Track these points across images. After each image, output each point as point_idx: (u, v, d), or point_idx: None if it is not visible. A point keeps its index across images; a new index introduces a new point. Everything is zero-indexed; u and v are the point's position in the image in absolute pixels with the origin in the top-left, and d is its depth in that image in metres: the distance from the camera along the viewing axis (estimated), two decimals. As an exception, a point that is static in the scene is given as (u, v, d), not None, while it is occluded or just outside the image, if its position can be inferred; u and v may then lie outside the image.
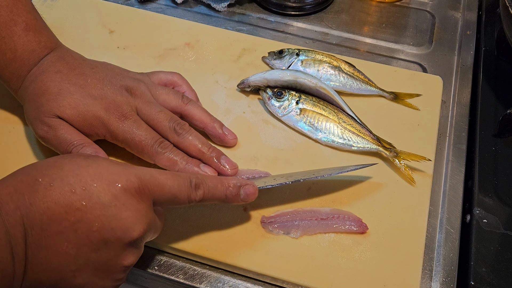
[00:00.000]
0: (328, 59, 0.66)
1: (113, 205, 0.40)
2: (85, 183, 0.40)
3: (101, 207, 0.40)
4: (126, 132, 0.52)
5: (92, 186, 0.40)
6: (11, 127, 0.59)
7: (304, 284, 0.49)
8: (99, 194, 0.40)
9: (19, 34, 0.54)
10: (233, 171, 0.54)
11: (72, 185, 0.40)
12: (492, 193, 0.57)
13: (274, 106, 0.62)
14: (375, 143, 0.58)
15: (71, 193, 0.40)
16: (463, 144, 0.63)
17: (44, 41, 0.56)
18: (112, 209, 0.40)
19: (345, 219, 0.53)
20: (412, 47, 0.74)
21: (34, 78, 0.54)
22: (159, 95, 0.57)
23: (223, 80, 0.66)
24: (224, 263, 0.50)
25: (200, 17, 0.77)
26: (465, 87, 0.69)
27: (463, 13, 0.79)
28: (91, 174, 0.41)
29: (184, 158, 0.53)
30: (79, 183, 0.40)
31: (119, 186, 0.41)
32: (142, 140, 0.52)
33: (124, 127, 0.52)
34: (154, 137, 0.53)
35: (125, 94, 0.54)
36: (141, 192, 0.42)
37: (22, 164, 0.56)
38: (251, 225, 0.53)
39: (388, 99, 0.65)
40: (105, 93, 0.53)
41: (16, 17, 0.54)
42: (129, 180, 0.41)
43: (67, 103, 0.52)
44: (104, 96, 0.53)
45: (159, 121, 0.54)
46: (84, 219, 0.40)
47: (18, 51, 0.54)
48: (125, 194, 0.41)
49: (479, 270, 0.51)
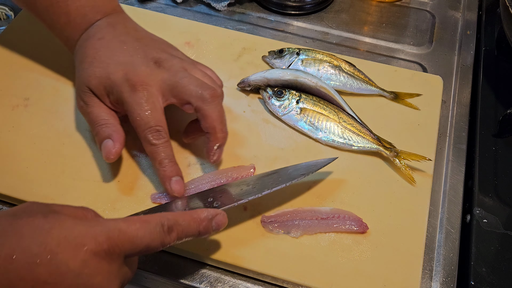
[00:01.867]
0: (329, 59, 0.66)
1: (84, 272, 0.37)
2: (50, 251, 0.36)
3: (71, 276, 0.37)
4: (131, 103, 0.51)
5: (59, 254, 0.36)
6: (11, 127, 0.59)
7: (304, 284, 0.49)
8: (67, 261, 0.37)
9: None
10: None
11: (37, 255, 0.36)
12: (492, 193, 0.57)
13: (274, 105, 0.62)
14: (376, 142, 0.58)
15: (36, 265, 0.36)
16: (463, 144, 0.63)
17: (99, 5, 0.56)
18: (82, 276, 0.37)
19: (345, 219, 0.53)
20: (412, 47, 0.74)
21: (81, 43, 0.55)
22: (194, 73, 0.54)
23: (223, 79, 0.66)
24: (224, 263, 0.50)
25: (200, 16, 0.77)
26: (465, 87, 0.69)
27: (463, 13, 0.79)
28: (55, 239, 0.37)
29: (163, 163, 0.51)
30: (44, 252, 0.36)
31: (87, 249, 0.37)
32: (140, 119, 0.50)
33: (131, 98, 0.51)
34: (151, 122, 0.50)
35: (151, 66, 0.53)
36: (112, 253, 0.38)
37: (22, 164, 0.56)
38: (251, 224, 0.53)
39: (388, 99, 0.65)
40: (132, 60, 0.53)
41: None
42: (97, 242, 0.38)
43: (93, 72, 0.52)
44: (129, 63, 0.52)
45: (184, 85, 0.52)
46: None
47: (71, 15, 0.55)
48: (94, 258, 0.38)
49: (479, 270, 0.51)
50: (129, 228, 0.39)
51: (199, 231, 0.44)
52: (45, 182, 0.55)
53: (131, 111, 0.51)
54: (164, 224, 0.41)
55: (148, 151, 0.52)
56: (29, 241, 0.36)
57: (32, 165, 0.56)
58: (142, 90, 0.51)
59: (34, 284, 0.36)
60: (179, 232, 0.42)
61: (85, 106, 0.53)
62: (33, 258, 0.36)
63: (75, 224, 0.38)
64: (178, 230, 0.42)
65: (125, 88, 0.51)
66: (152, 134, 0.50)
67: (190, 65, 0.55)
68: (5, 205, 0.55)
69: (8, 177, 0.55)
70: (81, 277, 0.37)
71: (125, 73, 0.51)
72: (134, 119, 0.51)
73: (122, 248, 0.39)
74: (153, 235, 0.40)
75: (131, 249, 0.40)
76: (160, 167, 0.51)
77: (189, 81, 0.52)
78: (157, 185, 0.55)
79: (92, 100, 0.53)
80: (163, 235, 0.41)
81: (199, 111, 0.52)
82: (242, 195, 0.49)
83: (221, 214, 0.45)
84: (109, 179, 0.55)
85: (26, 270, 0.36)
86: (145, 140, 0.51)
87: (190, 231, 0.43)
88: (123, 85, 0.51)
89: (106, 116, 0.52)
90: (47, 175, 0.55)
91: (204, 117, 0.52)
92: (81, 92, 0.53)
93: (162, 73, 0.52)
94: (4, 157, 0.57)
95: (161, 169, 0.51)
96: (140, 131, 0.51)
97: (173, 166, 0.51)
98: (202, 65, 0.58)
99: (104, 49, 0.53)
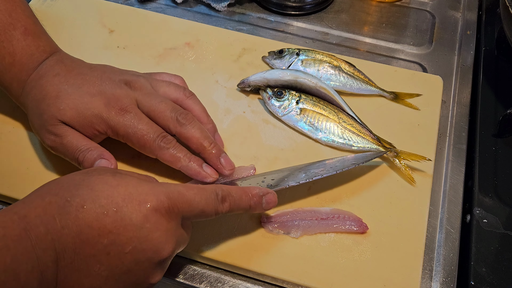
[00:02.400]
0: (328, 59, 0.66)
1: (145, 226, 0.40)
2: (116, 204, 0.40)
3: (133, 229, 0.40)
4: (127, 126, 0.51)
5: (124, 207, 0.40)
6: (11, 128, 0.59)
7: (304, 284, 0.49)
8: (131, 215, 0.40)
9: (18, 38, 0.54)
10: (230, 172, 0.53)
11: (104, 207, 0.40)
12: (492, 193, 0.57)
13: (274, 106, 0.62)
14: (375, 143, 0.58)
15: (103, 215, 0.39)
16: (463, 144, 0.63)
17: (43, 45, 0.55)
18: (143, 230, 0.40)
19: (345, 219, 0.53)
20: (412, 47, 0.74)
21: (34, 83, 0.53)
22: (160, 87, 0.56)
23: (223, 79, 0.66)
24: (224, 263, 0.50)
25: (200, 17, 0.77)
26: (465, 87, 0.69)
27: (463, 13, 0.79)
28: (121, 194, 0.41)
29: (187, 156, 0.52)
30: (111, 204, 0.40)
31: (150, 206, 0.41)
32: (144, 135, 0.51)
33: (125, 121, 0.51)
34: (156, 131, 0.52)
35: (124, 87, 0.53)
36: (171, 211, 0.42)
37: (22, 165, 0.56)
38: (251, 224, 0.53)
39: (388, 99, 0.65)
40: (103, 88, 0.53)
41: (15, 22, 0.54)
42: (159, 200, 0.41)
43: (66, 105, 0.51)
44: (102, 92, 0.52)
45: (160, 111, 0.53)
46: (117, 242, 0.40)
47: (17, 55, 0.53)
48: (155, 214, 0.41)
49: (479, 270, 0.51)
50: (187, 192, 0.43)
51: (250, 205, 0.47)
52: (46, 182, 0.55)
53: (131, 134, 0.51)
54: (218, 193, 0.45)
55: (166, 157, 0.52)
56: (99, 194, 0.40)
57: (32, 166, 0.56)
58: (130, 110, 0.52)
59: (100, 232, 0.39)
60: (231, 202, 0.46)
61: (59, 138, 0.51)
62: (101, 209, 0.40)
63: (140, 183, 0.42)
64: (231, 200, 0.46)
65: (112, 114, 0.51)
66: (162, 141, 0.52)
67: (153, 81, 0.56)
68: (5, 206, 0.55)
69: (8, 178, 0.55)
70: (142, 230, 0.40)
71: (105, 101, 0.52)
72: (137, 138, 0.51)
73: (180, 208, 0.42)
74: (209, 201, 0.44)
75: (188, 211, 0.43)
76: (186, 163, 0.52)
77: (165, 107, 0.53)
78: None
79: (66, 131, 0.52)
80: (217, 203, 0.45)
81: (180, 135, 0.53)
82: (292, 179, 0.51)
83: (271, 193, 0.49)
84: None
85: (94, 219, 0.39)
86: (158, 149, 0.51)
87: (242, 204, 0.47)
88: (109, 112, 0.51)
89: (86, 141, 0.52)
90: (47, 176, 0.55)
91: (187, 139, 0.53)
92: (50, 126, 0.51)
93: (135, 93, 0.53)
94: (4, 157, 0.57)
95: (189, 165, 0.52)
96: (149, 145, 0.51)
97: (195, 157, 0.53)
98: (160, 74, 0.59)
99: (66, 84, 0.53)
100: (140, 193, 0.41)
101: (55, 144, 0.52)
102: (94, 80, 0.53)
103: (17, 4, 0.55)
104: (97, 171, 0.43)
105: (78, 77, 0.54)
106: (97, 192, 0.40)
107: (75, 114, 0.51)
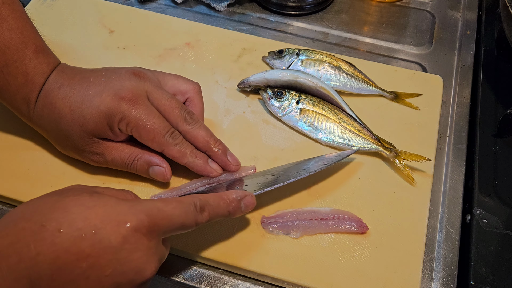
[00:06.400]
0: (328, 59, 0.66)
1: (124, 247, 0.39)
2: (94, 226, 0.38)
3: (112, 251, 0.39)
4: (138, 118, 0.51)
5: (102, 229, 0.39)
6: (11, 128, 0.59)
7: (304, 284, 0.49)
8: (110, 237, 0.39)
9: (30, 57, 0.52)
10: (236, 167, 0.54)
11: (82, 230, 0.38)
12: (492, 193, 0.57)
13: (274, 106, 0.62)
14: (375, 143, 0.58)
15: (81, 238, 0.38)
16: (463, 144, 0.63)
17: (52, 62, 0.54)
18: (123, 252, 0.39)
19: (345, 219, 0.53)
20: (412, 47, 0.74)
21: (43, 102, 0.52)
22: (169, 80, 0.56)
23: (223, 80, 0.66)
24: (224, 263, 0.50)
25: (200, 17, 0.77)
26: (465, 87, 0.69)
27: (463, 13, 0.79)
28: (99, 216, 0.39)
29: (193, 152, 0.53)
30: (88, 226, 0.38)
31: (129, 226, 0.39)
32: (154, 128, 0.51)
33: (136, 113, 0.51)
34: (166, 127, 0.52)
35: (133, 78, 0.53)
36: (151, 230, 0.41)
37: (23, 166, 0.56)
38: (251, 225, 0.53)
39: (388, 99, 0.65)
40: (111, 83, 0.52)
41: (26, 40, 0.52)
42: (138, 219, 0.40)
43: (84, 119, 0.51)
44: (110, 87, 0.51)
45: (172, 107, 0.53)
46: (96, 265, 0.38)
47: (29, 74, 0.52)
48: (135, 234, 0.40)
49: (479, 270, 0.51)
50: (166, 207, 0.42)
51: (229, 211, 0.47)
52: (46, 184, 0.55)
53: (141, 126, 0.51)
54: (196, 204, 0.44)
55: (173, 153, 0.52)
56: (75, 216, 0.39)
57: (33, 167, 0.56)
58: (141, 102, 0.51)
59: (78, 256, 0.38)
60: (210, 211, 0.45)
61: (102, 157, 0.52)
62: (78, 232, 0.38)
63: (118, 203, 0.41)
64: (209, 209, 0.45)
65: (123, 106, 0.51)
66: (171, 136, 0.52)
67: (160, 74, 0.57)
68: (5, 206, 0.55)
69: (9, 179, 0.55)
70: (122, 252, 0.39)
71: (114, 95, 0.51)
72: (147, 132, 0.51)
73: (160, 226, 0.41)
74: (188, 213, 0.43)
75: (168, 226, 0.42)
76: (192, 159, 0.52)
77: (176, 104, 0.53)
78: (158, 185, 0.55)
79: (104, 147, 0.52)
80: (196, 213, 0.44)
81: (187, 133, 0.53)
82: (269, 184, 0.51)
83: (249, 195, 0.48)
84: (109, 181, 0.55)
85: (71, 243, 0.38)
86: (166, 144, 0.52)
87: (220, 211, 0.46)
88: (120, 104, 0.51)
89: (127, 149, 0.53)
90: (48, 177, 0.55)
91: (195, 138, 0.53)
92: (85, 147, 0.52)
93: (145, 84, 0.53)
94: (5, 159, 0.57)
95: (195, 161, 0.53)
96: (158, 140, 0.51)
97: (200, 153, 0.53)
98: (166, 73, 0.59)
99: (72, 92, 0.52)
100: (119, 213, 0.40)
101: (101, 163, 0.54)
102: (99, 79, 0.53)
103: (25, 20, 0.53)
104: (73, 191, 0.42)
105: (83, 82, 0.53)
106: (73, 214, 0.39)
107: (94, 123, 0.51)
